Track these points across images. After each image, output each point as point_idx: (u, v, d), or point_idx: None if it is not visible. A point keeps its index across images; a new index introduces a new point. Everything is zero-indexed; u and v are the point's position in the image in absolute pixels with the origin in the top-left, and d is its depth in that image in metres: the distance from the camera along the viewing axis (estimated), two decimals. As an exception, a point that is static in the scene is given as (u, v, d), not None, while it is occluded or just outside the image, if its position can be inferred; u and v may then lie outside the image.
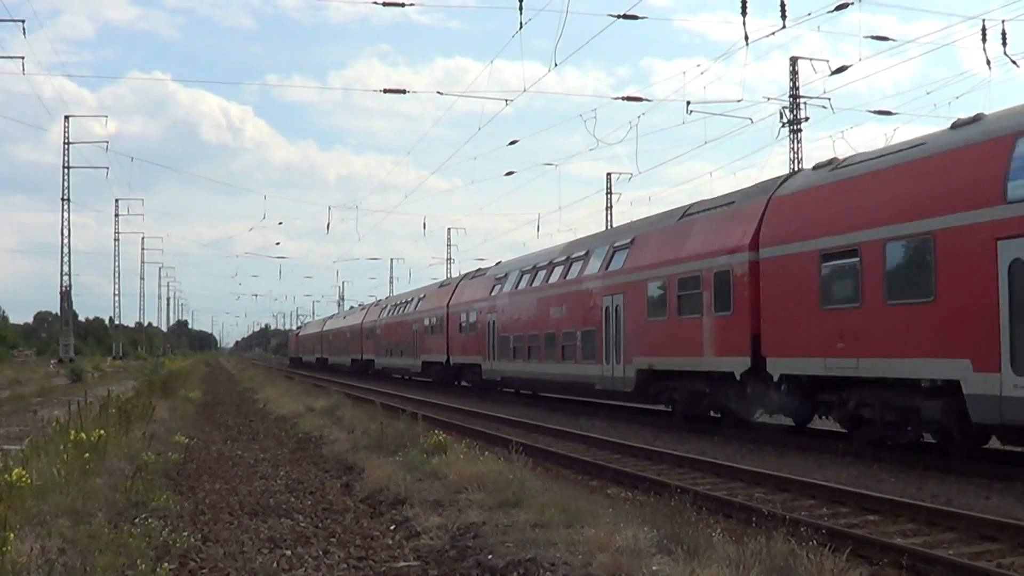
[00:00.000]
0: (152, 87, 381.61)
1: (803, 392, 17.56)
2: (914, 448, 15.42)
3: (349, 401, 27.40)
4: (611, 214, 61.12)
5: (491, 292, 35.88)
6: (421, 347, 46.92)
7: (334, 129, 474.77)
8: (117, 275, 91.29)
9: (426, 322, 46.13)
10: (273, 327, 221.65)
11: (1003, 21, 28.50)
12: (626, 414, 25.62)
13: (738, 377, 18.95)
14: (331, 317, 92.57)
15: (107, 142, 76.75)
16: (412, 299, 52.48)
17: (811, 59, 43.17)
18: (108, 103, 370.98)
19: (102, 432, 12.67)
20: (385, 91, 32.25)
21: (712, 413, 21.37)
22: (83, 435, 11.68)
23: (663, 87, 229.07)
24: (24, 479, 8.75)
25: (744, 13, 25.52)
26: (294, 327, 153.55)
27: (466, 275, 43.27)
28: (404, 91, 32.08)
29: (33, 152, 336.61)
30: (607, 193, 61.61)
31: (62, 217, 68.91)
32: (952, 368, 13.77)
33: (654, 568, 6.98)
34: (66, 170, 68.25)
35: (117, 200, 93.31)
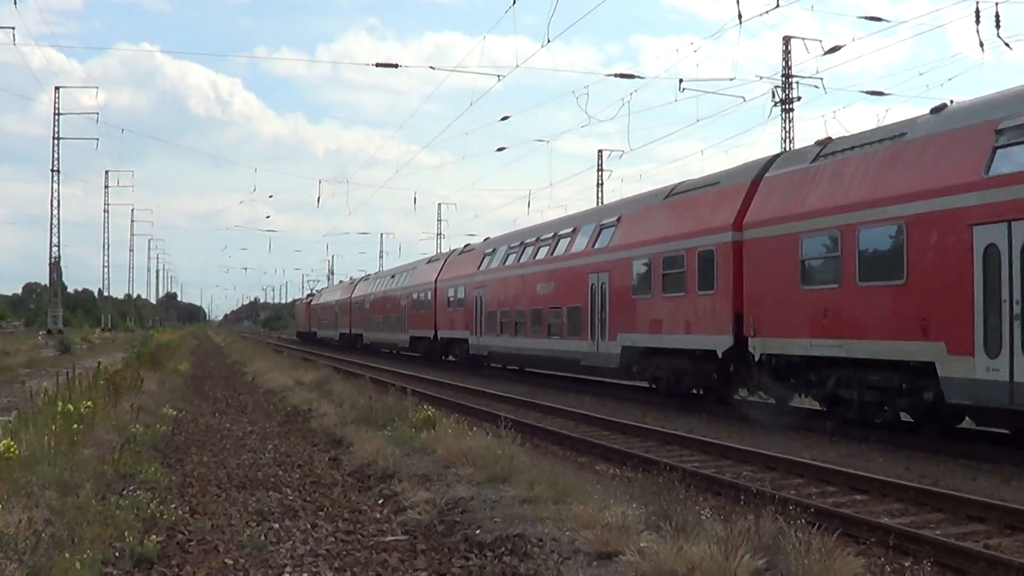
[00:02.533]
0: (141, 59, 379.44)
1: None
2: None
3: (338, 375, 27.39)
4: (602, 191, 61.03)
5: None
6: (642, 319, 22.74)
7: (323, 103, 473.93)
8: (106, 247, 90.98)
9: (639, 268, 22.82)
10: (262, 300, 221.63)
11: (996, 3, 28.30)
12: (615, 391, 25.66)
13: None
14: (365, 278, 68.19)
15: (97, 113, 76.28)
16: (581, 223, 27.75)
17: (804, 39, 43.24)
18: (97, 74, 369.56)
19: (90, 404, 12.64)
20: (377, 65, 31.75)
21: None
22: (71, 407, 11.65)
23: (654, 65, 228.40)
24: (12, 450, 8.72)
25: (738, -9, 25.39)
26: (284, 300, 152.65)
27: (782, 156, 19.80)
28: (396, 65, 31.46)
29: (21, 123, 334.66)
30: (598, 170, 61.59)
31: (52, 188, 68.59)
32: None
33: (642, 545, 6.98)
34: (56, 141, 67.79)
35: (107, 171, 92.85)
